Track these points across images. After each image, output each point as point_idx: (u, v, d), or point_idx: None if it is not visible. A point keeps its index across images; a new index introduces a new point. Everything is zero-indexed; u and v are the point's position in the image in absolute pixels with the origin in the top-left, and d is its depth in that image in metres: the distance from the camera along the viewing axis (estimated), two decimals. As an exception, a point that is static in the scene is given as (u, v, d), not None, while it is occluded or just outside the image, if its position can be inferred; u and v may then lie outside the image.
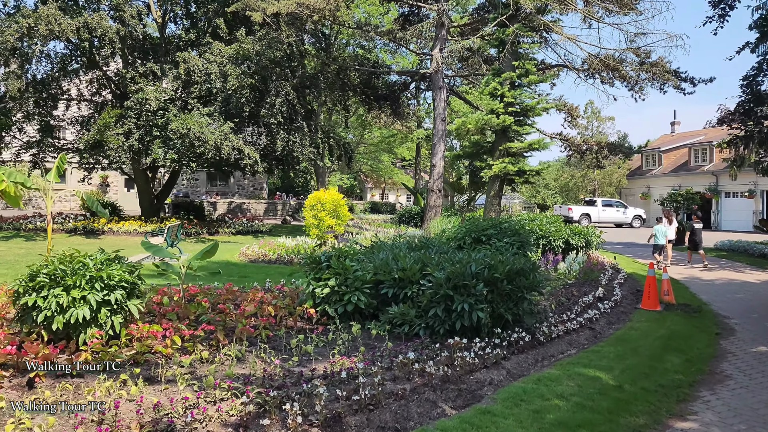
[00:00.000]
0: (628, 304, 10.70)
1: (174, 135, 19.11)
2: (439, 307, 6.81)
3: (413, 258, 7.46)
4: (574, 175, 53.85)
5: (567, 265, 13.12)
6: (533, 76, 14.55)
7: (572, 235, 15.37)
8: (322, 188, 19.41)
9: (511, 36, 14.51)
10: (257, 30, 21.87)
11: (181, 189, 41.04)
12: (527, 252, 10.73)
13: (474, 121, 14.80)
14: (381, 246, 8.48)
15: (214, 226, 23.18)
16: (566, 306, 9.49)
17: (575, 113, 26.70)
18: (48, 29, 16.84)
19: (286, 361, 5.73)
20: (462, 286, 6.84)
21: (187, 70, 20.56)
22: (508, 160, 14.66)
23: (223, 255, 16.52)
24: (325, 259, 7.53)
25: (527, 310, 7.35)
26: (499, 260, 7.28)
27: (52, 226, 21.34)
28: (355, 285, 7.24)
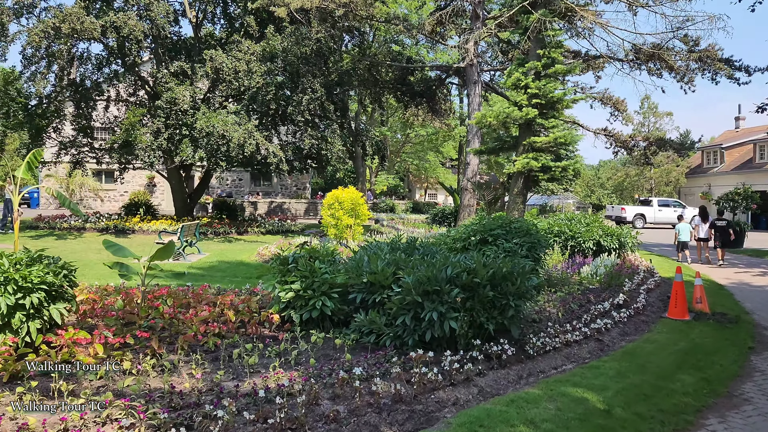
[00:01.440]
0: (652, 313, 9.67)
1: (199, 134, 18.99)
2: (408, 315, 6.11)
3: (386, 260, 6.76)
4: (629, 174, 51.54)
5: (593, 268, 12.09)
6: (560, 65, 13.51)
7: (604, 236, 14.27)
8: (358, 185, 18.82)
9: (535, 23, 13.56)
10: (286, 27, 21.55)
11: (225, 189, 41.45)
12: (539, 254, 9.83)
13: (495, 114, 13.90)
14: (366, 248, 7.81)
15: (244, 225, 23.02)
16: (576, 314, 8.57)
17: (622, 107, 25.28)
18: (70, 28, 16.95)
19: (215, 374, 5.15)
20: (434, 291, 6.11)
21: (214, 69, 20.44)
22: (532, 156, 13.69)
23: (240, 255, 16.22)
24: (292, 260, 6.94)
25: (514, 320, 6.53)
26: (481, 263, 6.50)
27: (90, 224, 21.73)
28: (322, 289, 6.61)
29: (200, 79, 20.64)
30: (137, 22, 18.60)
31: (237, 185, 41.80)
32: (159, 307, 6.39)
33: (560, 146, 13.69)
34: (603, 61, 24.16)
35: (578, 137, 13.42)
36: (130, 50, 18.95)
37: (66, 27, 16.87)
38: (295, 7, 18.77)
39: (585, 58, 24.17)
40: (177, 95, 19.97)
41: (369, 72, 23.59)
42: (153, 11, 19.63)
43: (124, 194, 39.34)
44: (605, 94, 25.36)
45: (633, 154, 25.87)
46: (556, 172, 13.51)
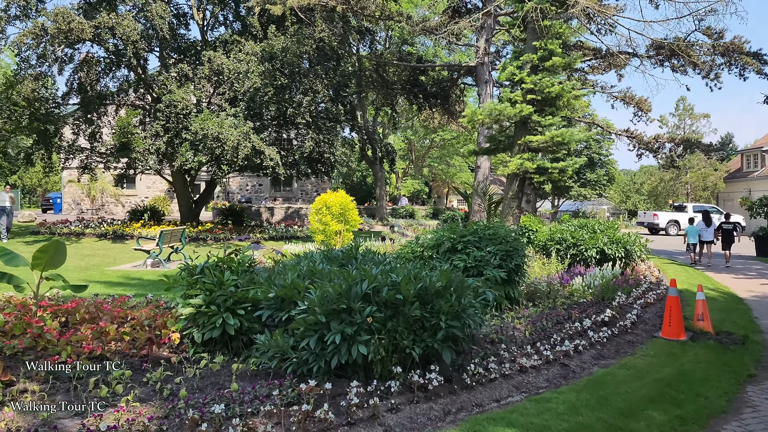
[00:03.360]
0: (644, 332, 8.51)
1: (194, 137, 18.46)
2: (313, 338, 5.19)
3: (301, 272, 5.86)
4: (664, 179, 49.35)
5: (589, 279, 10.94)
6: (558, 58, 12.39)
7: (609, 244, 13.07)
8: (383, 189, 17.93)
9: (531, 12, 12.48)
10: (289, 27, 20.91)
11: (245, 194, 41.13)
12: (515, 263, 8.78)
13: (486, 111, 12.85)
14: (303, 257, 6.92)
15: (246, 231, 22.39)
16: (547, 333, 7.51)
17: (645, 107, 23.90)
18: (57, 29, 16.59)
19: (55, 408, 4.33)
20: (343, 310, 5.18)
21: (214, 70, 19.93)
22: (527, 156, 12.59)
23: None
24: (199, 271, 6.10)
25: (447, 343, 5.55)
26: (410, 276, 5.55)
27: (90, 230, 21.43)
28: (227, 304, 5.75)
29: (200, 81, 20.11)
30: (133, 24, 18.16)
31: (257, 190, 41.44)
32: (39, 324, 5.62)
33: (558, 146, 12.55)
34: (625, 58, 22.83)
35: (579, 136, 12.26)
36: (125, 52, 18.52)
37: (53, 28, 16.52)
38: (292, 4, 18.05)
39: (604, 55, 22.88)
40: (176, 98, 19.50)
41: (376, 72, 22.73)
42: (150, 12, 19.22)
43: (144, 199, 39.40)
44: (627, 93, 24.02)
45: (658, 156, 24.43)
46: (553, 173, 12.39)
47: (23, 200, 55.24)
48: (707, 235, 18.08)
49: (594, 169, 56.81)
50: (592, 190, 57.86)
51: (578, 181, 56.86)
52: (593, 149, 56.10)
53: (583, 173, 56.36)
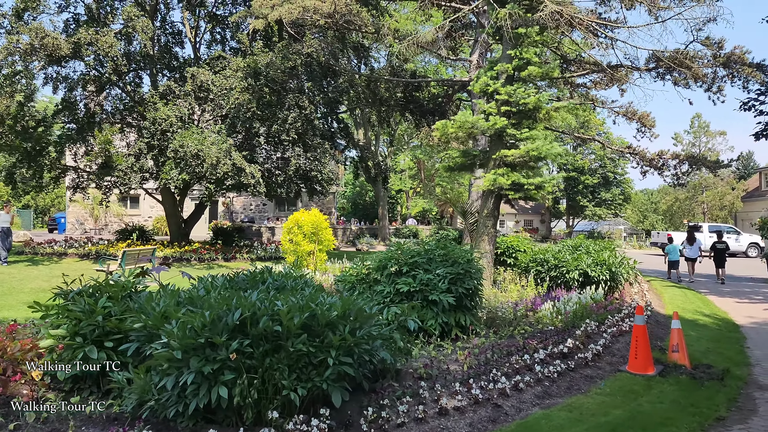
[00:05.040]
0: (609, 364, 7.61)
1: (175, 154, 17.97)
2: (171, 377, 4.45)
3: (180, 299, 5.13)
4: (679, 198, 47.88)
5: (560, 304, 10.04)
6: (534, 67, 11.61)
7: (592, 266, 12.15)
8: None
9: (506, 18, 11.76)
10: (276, 42, 20.47)
11: (248, 214, 40.69)
12: (469, 287, 7.95)
13: (458, 123, 12.10)
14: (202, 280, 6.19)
15: (232, 251, 21.75)
16: (490, 366, 6.66)
17: (648, 122, 22.94)
18: (29, 44, 16.29)
19: None
20: (205, 344, 4.44)
21: (198, 86, 19.52)
22: (501, 172, 11.77)
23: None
24: (71, 297, 5.42)
25: (337, 383, 4.76)
26: (298, 305, 4.79)
27: (73, 250, 20.99)
28: (94, 335, 5.04)
29: (183, 97, 19.69)
30: (111, 39, 17.82)
31: (261, 210, 40.97)
32: None
33: (536, 160, 11.72)
34: (626, 72, 21.96)
35: (555, 150, 11.42)
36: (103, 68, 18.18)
37: (25, 44, 16.23)
38: (273, 18, 17.56)
39: (602, 69, 22.06)
40: (161, 115, 19.09)
41: (368, 88, 22.15)
42: (134, 29, 18.91)
43: (148, 219, 39.16)
44: (629, 108, 23.09)
45: (663, 174, 23.39)
46: (529, 189, 11.55)
47: (36, 220, 55.53)
48: (691, 253, 18.81)
49: (609, 189, 55.61)
50: (608, 209, 56.62)
51: (593, 200, 55.73)
52: (608, 168, 54.99)
53: (597, 192, 55.20)
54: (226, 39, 24.40)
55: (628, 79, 22.95)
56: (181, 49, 24.70)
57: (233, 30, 22.61)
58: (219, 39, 24.49)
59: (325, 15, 18.42)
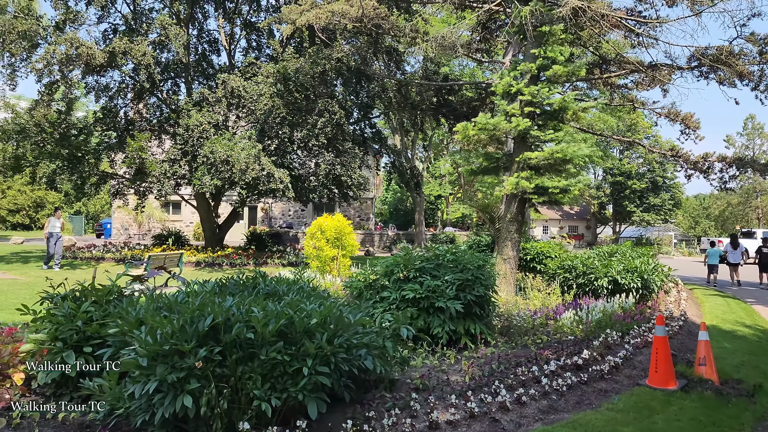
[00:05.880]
0: (627, 378, 7.14)
1: (205, 160, 18.17)
2: (138, 385, 4.31)
3: (161, 303, 5.00)
4: (731, 203, 45.93)
5: (583, 312, 9.58)
6: (559, 66, 11.18)
7: (623, 273, 11.60)
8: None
9: (528, 16, 11.38)
10: (307, 48, 20.51)
11: (287, 220, 41.01)
12: (479, 294, 7.61)
13: (479, 126, 11.76)
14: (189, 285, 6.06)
15: (264, 256, 21.84)
16: (494, 378, 6.32)
17: (692, 124, 22.00)
18: (65, 54, 16.73)
19: None
20: (172, 352, 4.28)
21: (230, 92, 19.73)
22: (524, 175, 11.37)
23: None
24: (55, 301, 5.36)
25: (319, 393, 4.54)
26: (275, 311, 4.60)
27: (110, 255, 21.47)
28: (72, 340, 4.97)
29: (214, 104, 19.92)
30: (144, 47, 18.17)
31: (299, 216, 41.23)
32: None
33: (562, 163, 11.27)
34: (668, 72, 21.13)
35: (582, 152, 10.95)
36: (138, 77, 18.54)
37: (60, 53, 16.68)
38: (301, 23, 17.57)
39: (642, 68, 21.28)
40: (194, 122, 19.37)
41: (399, 92, 21.96)
42: (167, 37, 19.26)
43: (189, 225, 39.90)
44: (671, 110, 22.18)
45: (708, 177, 22.38)
46: (554, 193, 11.11)
47: (86, 226, 57.32)
48: (733, 258, 19.02)
49: (658, 193, 53.95)
50: (657, 215, 54.92)
51: (641, 205, 54.16)
52: (656, 172, 53.35)
53: (646, 197, 53.59)
54: (261, 46, 24.66)
55: (669, 78, 22.11)
56: (217, 57, 25.14)
57: (267, 37, 22.81)
58: (254, 46, 24.76)
59: (353, 19, 18.33)
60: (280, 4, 22.98)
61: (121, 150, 22.03)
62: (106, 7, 20.33)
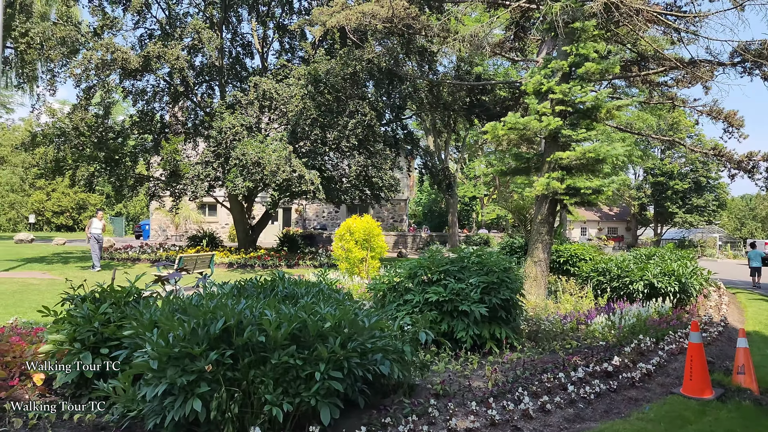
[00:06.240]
0: (660, 386, 6.86)
1: (237, 162, 18.34)
2: (149, 388, 4.28)
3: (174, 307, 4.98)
4: (779, 203, 44.31)
5: (616, 317, 9.27)
6: (591, 64, 10.87)
7: (659, 276, 11.21)
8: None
9: (559, 12, 11.09)
10: (338, 49, 20.53)
11: (320, 221, 41.19)
12: (505, 297, 7.41)
13: (508, 126, 11.52)
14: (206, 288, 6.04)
15: (295, 258, 21.92)
16: (518, 384, 6.13)
17: (735, 122, 21.25)
18: (101, 59, 17.08)
19: None
20: (183, 355, 4.24)
21: (262, 95, 19.87)
22: (555, 176, 11.09)
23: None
24: (75, 302, 5.39)
25: (332, 399, 4.44)
26: (288, 314, 4.52)
27: (146, 256, 21.84)
28: (90, 341, 4.98)
29: (246, 107, 20.09)
30: (177, 51, 18.44)
31: (333, 217, 41.39)
32: None
33: (592, 162, 10.96)
34: (710, 69, 20.46)
35: (616, 151, 10.62)
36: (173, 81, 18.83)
37: (96, 58, 17.05)
38: (331, 24, 17.56)
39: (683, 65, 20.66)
40: (226, 124, 19.58)
41: (431, 93, 21.80)
42: (200, 41, 19.52)
43: (225, 226, 40.42)
44: (713, 107, 21.46)
45: (753, 177, 21.58)
46: (586, 194, 10.80)
47: (127, 227, 58.70)
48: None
49: (701, 194, 52.49)
50: (700, 216, 53.43)
51: (683, 206, 52.77)
52: (700, 172, 51.90)
53: (688, 198, 52.18)
54: (294, 48, 24.80)
55: (711, 75, 21.41)
56: (250, 60, 25.38)
57: (299, 39, 22.92)
58: (287, 48, 24.91)
59: (383, 20, 18.24)
60: (312, 7, 23.09)
61: (156, 153, 22.42)
62: (141, 12, 20.72)
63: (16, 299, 12.24)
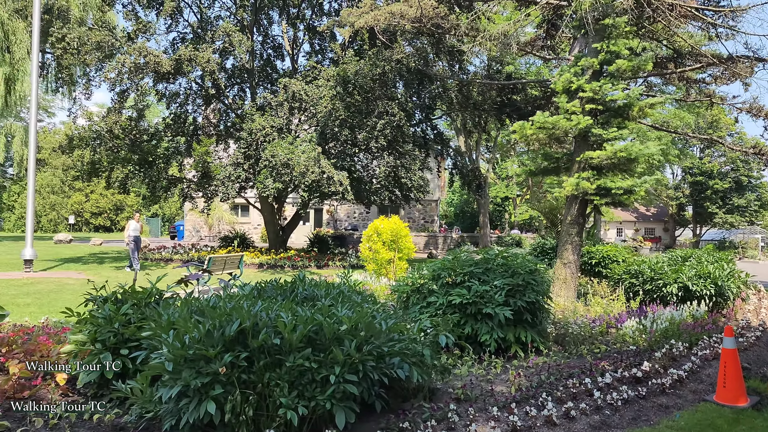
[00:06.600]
0: (692, 392, 6.62)
1: (266, 163, 18.48)
2: (165, 389, 4.29)
3: (191, 307, 4.99)
4: (824, 202, 42.79)
5: (648, 321, 9.02)
6: (622, 61, 10.61)
7: (694, 279, 10.88)
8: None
9: (588, 9, 10.86)
10: (367, 50, 20.53)
11: (352, 222, 41.29)
12: (531, 299, 7.26)
13: (537, 125, 11.31)
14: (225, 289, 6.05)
15: (327, 258, 21.98)
16: (542, 390, 5.99)
17: (777, 118, 20.61)
18: (134, 63, 17.40)
19: None
20: (198, 357, 4.24)
21: (291, 96, 20.00)
22: (585, 175, 10.85)
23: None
24: (97, 303, 5.45)
25: (348, 402, 4.39)
26: (306, 317, 4.49)
27: (178, 256, 22.17)
28: (110, 342, 5.03)
29: (276, 108, 20.24)
30: (209, 54, 18.68)
31: (364, 218, 41.45)
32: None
33: (624, 162, 10.69)
34: (750, 64, 19.84)
35: (648, 150, 10.34)
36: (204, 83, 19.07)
37: (129, 62, 17.37)
38: (359, 25, 17.57)
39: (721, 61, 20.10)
40: (256, 126, 19.76)
41: (460, 92, 21.63)
42: (230, 44, 19.74)
43: (257, 227, 40.79)
44: (753, 104, 20.81)
45: (795, 175, 20.84)
46: (617, 194, 10.55)
47: (162, 228, 59.79)
48: None
49: (743, 194, 51.07)
50: (741, 216, 51.95)
51: (723, 207, 51.41)
52: (741, 171, 50.49)
53: (729, 198, 50.81)
54: (324, 50, 24.90)
55: (751, 71, 20.76)
56: (281, 62, 25.54)
57: (329, 40, 23.01)
58: (317, 50, 25.03)
59: (411, 19, 18.16)
60: (342, 8, 23.15)
61: (189, 155, 22.77)
62: (174, 16, 21.06)
63: (51, 298, 12.52)
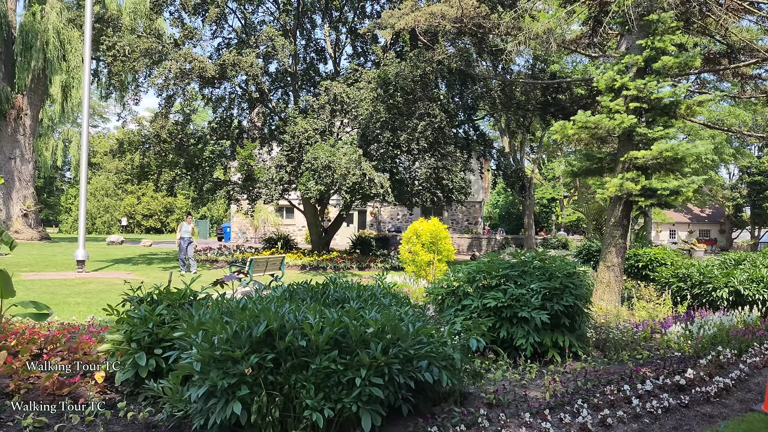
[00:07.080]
0: (740, 402, 6.33)
1: (309, 165, 18.67)
2: (194, 389, 4.35)
3: (221, 309, 5.04)
4: None
5: (694, 326, 8.68)
6: (668, 57, 10.26)
7: (746, 283, 10.44)
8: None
9: (632, 5, 10.54)
10: (408, 52, 20.52)
11: (395, 224, 41.32)
12: (568, 303, 7.08)
13: (579, 124, 11.04)
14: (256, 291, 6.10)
15: (368, 260, 22.04)
16: (578, 396, 5.83)
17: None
18: (179, 69, 17.84)
19: None
20: (226, 358, 4.28)
21: (333, 99, 20.15)
22: (630, 176, 10.54)
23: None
24: (134, 303, 5.57)
25: (374, 405, 4.37)
26: (328, 320, 4.49)
27: (223, 258, 22.59)
28: (145, 341, 5.14)
29: (318, 111, 20.43)
30: (252, 59, 19.00)
31: (407, 220, 41.38)
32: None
33: (671, 162, 10.33)
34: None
35: (696, 149, 9.97)
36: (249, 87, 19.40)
37: (175, 68, 17.81)
38: (399, 27, 17.57)
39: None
40: (299, 128, 19.99)
41: (503, 92, 21.38)
42: (274, 49, 20.03)
43: (302, 228, 41.24)
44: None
45: None
46: (663, 195, 10.21)
47: (211, 230, 61.12)
48: None
49: (805, 192, 49.07)
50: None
51: (782, 207, 49.52)
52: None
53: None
54: (366, 52, 25.00)
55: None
56: (324, 65, 25.83)
57: (370, 43, 23.09)
58: (359, 52, 25.15)
59: (452, 20, 18.04)
60: (384, 10, 23.21)
61: (233, 158, 23.19)
62: (218, 22, 21.51)
63: (100, 298, 12.92)
